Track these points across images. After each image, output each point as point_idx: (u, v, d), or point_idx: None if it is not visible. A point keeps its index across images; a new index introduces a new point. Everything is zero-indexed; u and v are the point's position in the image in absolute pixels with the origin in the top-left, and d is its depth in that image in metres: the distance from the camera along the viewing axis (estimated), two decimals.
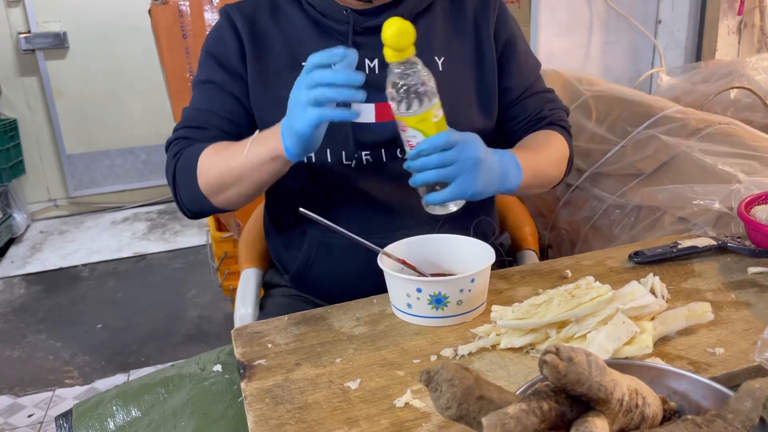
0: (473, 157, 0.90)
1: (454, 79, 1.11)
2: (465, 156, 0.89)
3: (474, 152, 0.90)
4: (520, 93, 1.17)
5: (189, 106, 1.11)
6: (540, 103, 1.17)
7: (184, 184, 1.04)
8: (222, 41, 1.09)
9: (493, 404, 0.53)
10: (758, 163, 1.35)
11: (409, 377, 0.76)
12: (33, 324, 2.75)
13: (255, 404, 0.72)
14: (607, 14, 2.25)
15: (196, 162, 1.01)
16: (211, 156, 1.01)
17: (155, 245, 3.50)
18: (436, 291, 0.84)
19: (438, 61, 1.10)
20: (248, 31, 1.09)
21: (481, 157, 0.91)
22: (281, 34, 1.09)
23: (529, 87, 1.17)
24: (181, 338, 2.59)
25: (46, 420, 2.13)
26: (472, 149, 0.91)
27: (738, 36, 2.22)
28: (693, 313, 0.80)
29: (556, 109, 1.18)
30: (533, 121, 1.16)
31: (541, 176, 1.06)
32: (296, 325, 0.89)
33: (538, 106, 1.17)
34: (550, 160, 1.09)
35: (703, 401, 0.61)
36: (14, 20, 3.66)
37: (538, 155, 1.07)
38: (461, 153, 0.89)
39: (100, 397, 0.85)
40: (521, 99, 1.17)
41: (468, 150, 0.90)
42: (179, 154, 1.05)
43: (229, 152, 0.99)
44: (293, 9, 1.10)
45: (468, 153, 0.90)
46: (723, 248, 1.03)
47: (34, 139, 3.84)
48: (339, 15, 1.07)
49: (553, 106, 1.18)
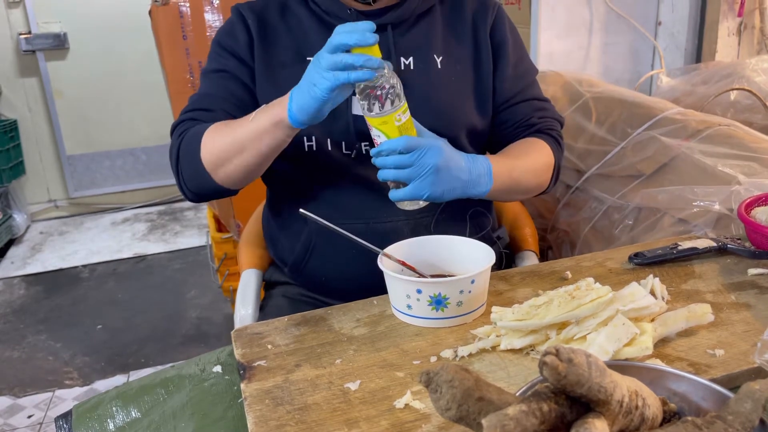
0: (430, 164, 0.93)
1: (452, 78, 1.13)
2: (422, 162, 0.93)
3: (432, 159, 0.93)
4: (509, 98, 1.17)
5: (197, 93, 1.14)
6: (530, 110, 1.18)
7: (186, 160, 1.06)
8: (233, 34, 1.13)
9: (493, 405, 0.53)
10: (758, 164, 1.35)
11: (409, 378, 0.76)
12: (33, 325, 2.75)
13: (255, 405, 0.72)
14: (607, 15, 2.25)
15: (201, 137, 1.03)
16: (217, 129, 1.03)
17: (155, 246, 3.50)
18: (436, 292, 0.84)
19: (437, 59, 1.12)
20: (257, 26, 1.13)
21: (439, 164, 0.93)
22: (288, 31, 1.13)
23: (519, 93, 1.18)
24: (181, 339, 2.58)
25: (46, 421, 2.12)
26: (430, 156, 0.93)
27: (738, 37, 2.22)
28: (693, 314, 0.80)
29: (548, 118, 1.19)
30: (521, 127, 1.17)
31: (515, 185, 1.08)
32: (296, 326, 0.89)
33: (527, 113, 1.17)
34: (528, 168, 1.10)
35: (703, 403, 0.61)
36: (14, 21, 3.67)
37: (516, 163, 1.08)
38: (419, 158, 0.93)
39: (100, 398, 0.85)
40: (510, 104, 1.18)
41: (427, 157, 0.93)
42: (184, 133, 1.07)
43: (235, 123, 1.02)
44: (301, 8, 1.14)
45: (426, 160, 0.93)
46: (723, 250, 1.03)
47: (34, 139, 3.85)
48: (343, 14, 1.11)
49: (544, 114, 1.19)
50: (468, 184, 0.99)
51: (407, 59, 1.11)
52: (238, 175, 1.04)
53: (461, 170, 0.98)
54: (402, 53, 1.11)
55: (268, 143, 0.98)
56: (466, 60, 1.15)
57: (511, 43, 1.18)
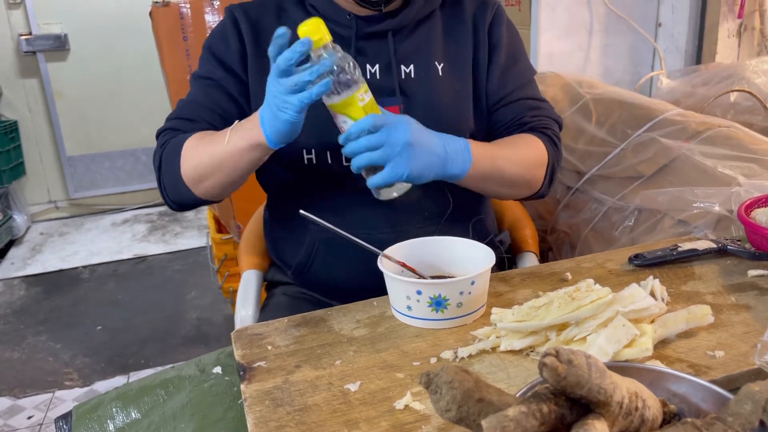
0: (402, 140, 0.90)
1: (453, 84, 1.11)
2: (393, 139, 0.89)
3: (403, 135, 0.90)
4: (502, 97, 1.14)
5: (185, 98, 1.12)
6: (523, 109, 1.14)
7: (167, 173, 1.05)
8: (224, 39, 1.11)
9: (492, 406, 0.53)
10: (758, 166, 1.35)
11: (409, 379, 0.76)
12: (33, 326, 2.75)
13: (255, 406, 0.72)
14: (607, 17, 2.25)
15: (181, 150, 1.02)
16: (194, 143, 1.01)
17: (155, 247, 3.50)
18: (436, 293, 0.84)
19: (438, 66, 1.11)
20: (251, 32, 1.10)
21: (411, 139, 0.90)
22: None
23: (513, 92, 1.15)
24: (181, 340, 2.59)
25: (46, 422, 2.12)
26: (401, 132, 0.90)
27: (738, 39, 2.22)
28: (693, 315, 0.80)
29: (542, 117, 1.15)
30: (513, 126, 1.14)
31: (498, 172, 1.03)
32: (296, 327, 0.89)
33: (520, 112, 1.14)
34: (514, 158, 1.06)
35: (703, 404, 0.61)
36: (15, 22, 3.67)
37: (501, 151, 1.05)
38: (389, 135, 0.89)
39: (100, 398, 0.85)
40: (503, 104, 1.15)
41: (396, 132, 0.90)
42: (166, 144, 1.06)
43: (212, 139, 0.99)
44: (298, 12, 1.11)
45: (396, 135, 0.90)
46: (723, 251, 1.03)
47: (34, 140, 3.85)
48: (342, 20, 1.08)
49: (538, 113, 1.15)
50: (446, 161, 0.96)
51: (407, 67, 1.10)
52: (217, 190, 1.03)
53: (435, 145, 0.95)
54: (402, 61, 1.09)
55: (246, 162, 0.97)
56: (466, 64, 1.13)
57: (506, 41, 1.16)
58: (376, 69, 1.09)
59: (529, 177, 1.09)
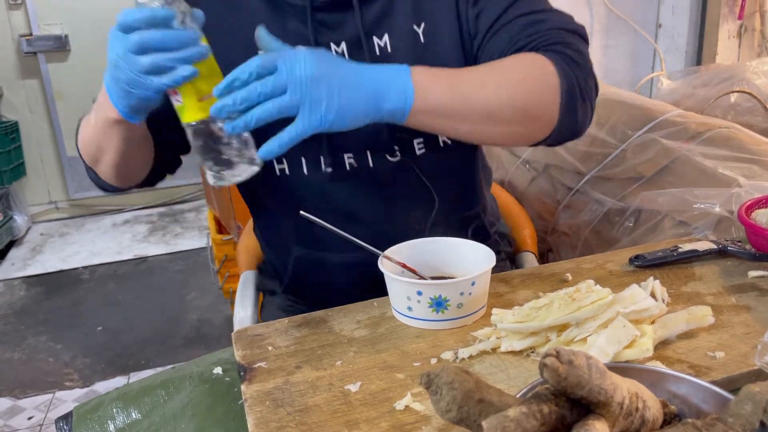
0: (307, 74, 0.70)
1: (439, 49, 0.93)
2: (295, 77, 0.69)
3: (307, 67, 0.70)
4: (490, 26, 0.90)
5: None
6: (517, 29, 0.88)
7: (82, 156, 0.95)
8: None
9: (493, 407, 0.53)
10: (758, 166, 1.35)
11: (410, 380, 0.76)
12: (33, 326, 2.75)
13: (255, 407, 0.72)
14: (608, 18, 2.25)
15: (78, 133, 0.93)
16: (83, 124, 0.92)
17: (156, 248, 3.50)
18: (436, 294, 0.84)
19: (418, 30, 0.92)
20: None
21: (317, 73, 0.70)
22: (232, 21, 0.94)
23: (499, 18, 0.89)
24: (182, 341, 2.59)
25: (46, 422, 2.12)
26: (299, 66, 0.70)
27: (738, 40, 2.22)
28: (693, 316, 0.80)
29: (544, 32, 0.87)
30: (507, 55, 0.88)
31: (464, 101, 0.79)
32: (297, 327, 0.89)
33: (511, 37, 0.88)
34: (490, 80, 0.81)
35: (704, 405, 0.61)
36: (16, 23, 3.67)
37: (465, 74, 0.81)
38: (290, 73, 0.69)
39: (101, 399, 0.85)
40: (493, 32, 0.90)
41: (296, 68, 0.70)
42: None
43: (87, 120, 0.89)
44: None
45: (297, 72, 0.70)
46: (723, 252, 1.03)
47: (35, 141, 3.85)
48: None
49: (536, 29, 0.87)
50: (376, 95, 0.74)
51: (381, 39, 0.92)
52: (114, 172, 0.91)
53: (355, 73, 0.74)
54: (374, 31, 0.91)
55: (121, 140, 0.85)
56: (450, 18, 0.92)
57: None
58: (342, 47, 0.92)
59: (522, 103, 0.82)
